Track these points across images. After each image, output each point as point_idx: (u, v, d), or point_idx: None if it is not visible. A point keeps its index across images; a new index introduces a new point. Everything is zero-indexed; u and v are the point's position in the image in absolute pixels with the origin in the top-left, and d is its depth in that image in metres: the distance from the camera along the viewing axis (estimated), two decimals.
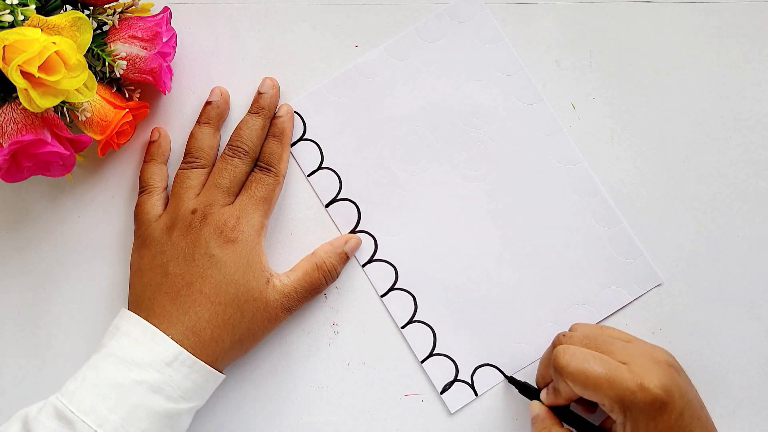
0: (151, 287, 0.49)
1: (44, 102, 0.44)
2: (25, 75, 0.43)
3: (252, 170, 0.53)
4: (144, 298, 0.49)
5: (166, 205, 0.52)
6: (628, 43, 0.54)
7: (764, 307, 0.53)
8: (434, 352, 0.53)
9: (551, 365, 0.47)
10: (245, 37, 0.55)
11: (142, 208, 0.52)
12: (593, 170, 0.54)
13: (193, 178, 0.52)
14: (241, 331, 0.49)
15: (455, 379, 0.53)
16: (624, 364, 0.45)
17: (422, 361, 0.53)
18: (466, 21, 0.54)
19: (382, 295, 0.53)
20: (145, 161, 0.54)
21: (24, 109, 0.46)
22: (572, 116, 0.54)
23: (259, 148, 0.53)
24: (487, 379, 0.53)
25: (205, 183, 0.52)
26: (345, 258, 0.53)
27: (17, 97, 0.45)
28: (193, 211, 0.50)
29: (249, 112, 0.53)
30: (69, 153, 0.48)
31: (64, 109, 0.48)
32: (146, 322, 0.48)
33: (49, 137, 0.47)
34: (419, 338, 0.53)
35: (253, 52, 0.55)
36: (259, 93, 0.53)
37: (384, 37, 0.54)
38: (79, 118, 0.49)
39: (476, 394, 0.53)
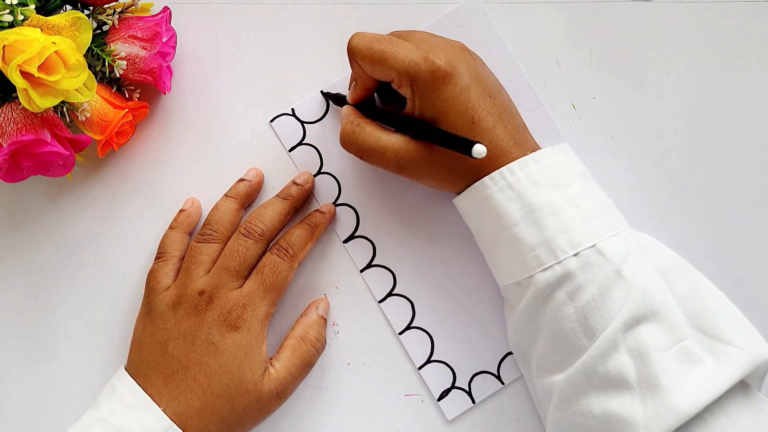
0: (149, 363, 0.48)
1: (44, 102, 0.44)
2: (25, 75, 0.43)
3: (265, 251, 0.51)
4: (141, 369, 0.49)
5: (177, 273, 0.52)
6: (628, 43, 0.54)
7: (765, 306, 0.52)
8: (432, 359, 0.52)
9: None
10: (245, 37, 0.55)
11: (154, 276, 0.51)
12: (593, 170, 0.53)
13: (205, 253, 0.51)
14: (229, 422, 0.48)
15: (452, 386, 0.52)
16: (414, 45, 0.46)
17: (420, 368, 0.52)
18: (467, 27, 0.54)
19: (380, 301, 0.53)
20: (169, 227, 0.53)
21: (24, 109, 0.46)
22: (572, 116, 0.54)
23: (276, 232, 0.52)
24: (485, 387, 0.52)
25: (216, 258, 0.51)
26: (324, 322, 0.52)
27: (17, 97, 0.45)
28: (201, 293, 0.49)
29: (277, 195, 0.53)
30: (69, 153, 0.48)
31: (64, 109, 0.48)
32: (140, 389, 0.47)
33: (49, 137, 0.47)
34: (417, 344, 0.53)
35: (253, 52, 0.55)
36: (294, 183, 0.53)
37: None
38: (79, 118, 0.49)
39: (473, 402, 0.52)
